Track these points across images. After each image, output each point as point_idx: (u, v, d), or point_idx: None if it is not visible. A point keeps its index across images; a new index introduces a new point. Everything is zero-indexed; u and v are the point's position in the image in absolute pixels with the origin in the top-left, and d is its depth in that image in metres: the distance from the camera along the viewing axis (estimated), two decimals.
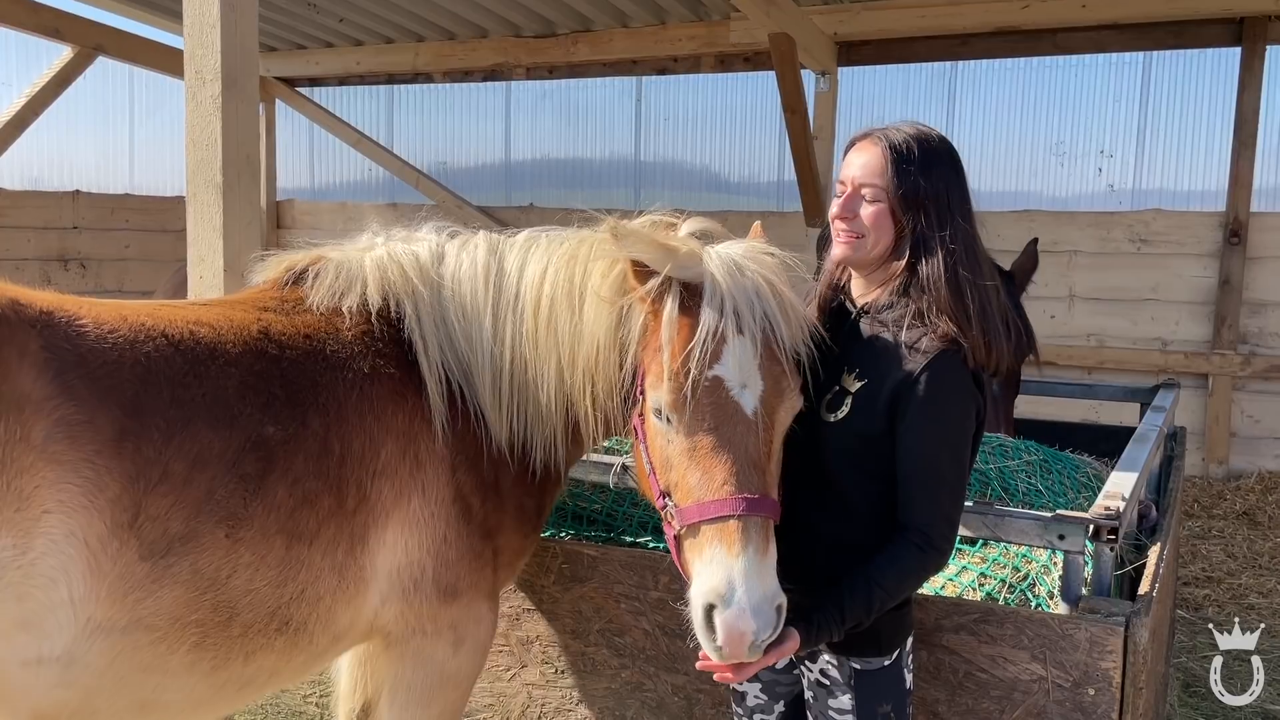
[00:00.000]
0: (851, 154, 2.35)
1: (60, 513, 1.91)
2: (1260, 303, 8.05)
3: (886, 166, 2.26)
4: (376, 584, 2.40)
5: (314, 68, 10.87)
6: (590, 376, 2.40)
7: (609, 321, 2.36)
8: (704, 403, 2.08)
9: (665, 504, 2.15)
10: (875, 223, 2.28)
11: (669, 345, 2.11)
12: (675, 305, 2.14)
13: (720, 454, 2.06)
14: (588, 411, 2.45)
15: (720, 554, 1.99)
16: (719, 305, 2.11)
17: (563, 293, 2.46)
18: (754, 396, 2.11)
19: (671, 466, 2.13)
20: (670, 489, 2.14)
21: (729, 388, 2.10)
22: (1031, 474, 3.52)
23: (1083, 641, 2.52)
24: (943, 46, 8.82)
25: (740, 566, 1.96)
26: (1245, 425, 8.15)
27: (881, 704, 2.28)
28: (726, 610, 1.95)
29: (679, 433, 2.11)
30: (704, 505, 2.03)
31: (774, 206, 9.59)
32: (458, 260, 2.62)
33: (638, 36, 9.44)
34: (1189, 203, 8.40)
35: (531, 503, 2.68)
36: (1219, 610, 5.69)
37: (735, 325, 2.11)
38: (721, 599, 1.96)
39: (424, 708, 2.57)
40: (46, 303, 2.07)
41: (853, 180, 2.30)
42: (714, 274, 2.15)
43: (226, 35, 3.22)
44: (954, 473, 2.23)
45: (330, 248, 2.69)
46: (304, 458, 2.23)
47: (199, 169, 3.27)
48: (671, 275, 2.16)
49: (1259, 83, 7.94)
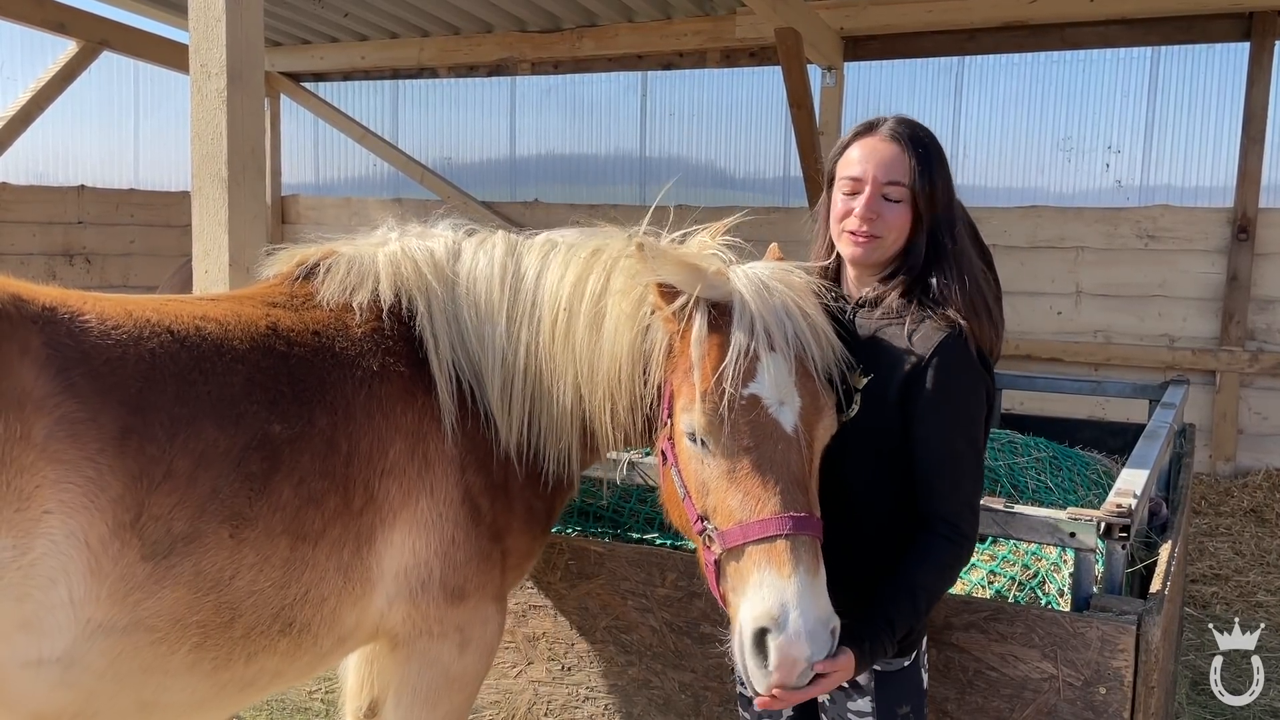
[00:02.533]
0: (862, 149, 2.25)
1: (61, 513, 1.89)
2: (1268, 299, 8.00)
3: (911, 164, 2.18)
4: (383, 585, 2.37)
5: (319, 63, 10.86)
6: (610, 394, 2.35)
7: (631, 338, 2.31)
8: (741, 422, 2.02)
9: (704, 528, 2.06)
10: (900, 224, 2.20)
11: (700, 365, 2.05)
12: (704, 324, 2.09)
13: (762, 473, 1.99)
14: (606, 427, 2.41)
15: (771, 576, 1.91)
16: (749, 324, 2.06)
17: (581, 305, 2.41)
18: (793, 413, 2.05)
19: (709, 490, 2.06)
20: (709, 513, 2.06)
21: (767, 405, 2.04)
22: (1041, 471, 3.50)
23: (1094, 640, 2.50)
24: (949, 41, 8.78)
25: (794, 588, 1.89)
26: (1253, 422, 8.11)
27: (901, 705, 2.25)
28: (781, 635, 1.88)
29: (716, 455, 2.04)
30: (748, 526, 1.96)
31: (779, 202, 9.55)
32: (474, 258, 2.57)
33: (643, 31, 9.41)
34: (1197, 198, 8.35)
35: (541, 505, 2.64)
36: (1227, 608, 5.66)
37: (768, 343, 2.06)
38: (775, 623, 1.88)
39: (430, 709, 2.55)
40: (49, 298, 2.04)
41: (874, 178, 2.20)
42: (742, 293, 2.11)
43: (231, 29, 3.21)
44: (972, 458, 2.20)
45: (342, 242, 2.65)
46: (310, 456, 2.21)
47: (204, 163, 3.25)
48: (701, 295, 2.10)
49: (1268, 78, 7.89)
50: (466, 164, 10.95)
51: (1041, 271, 8.48)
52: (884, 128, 2.24)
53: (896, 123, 2.25)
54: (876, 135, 2.25)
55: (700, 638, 2.96)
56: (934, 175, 2.20)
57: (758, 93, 9.72)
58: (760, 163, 9.85)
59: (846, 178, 2.26)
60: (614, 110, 10.32)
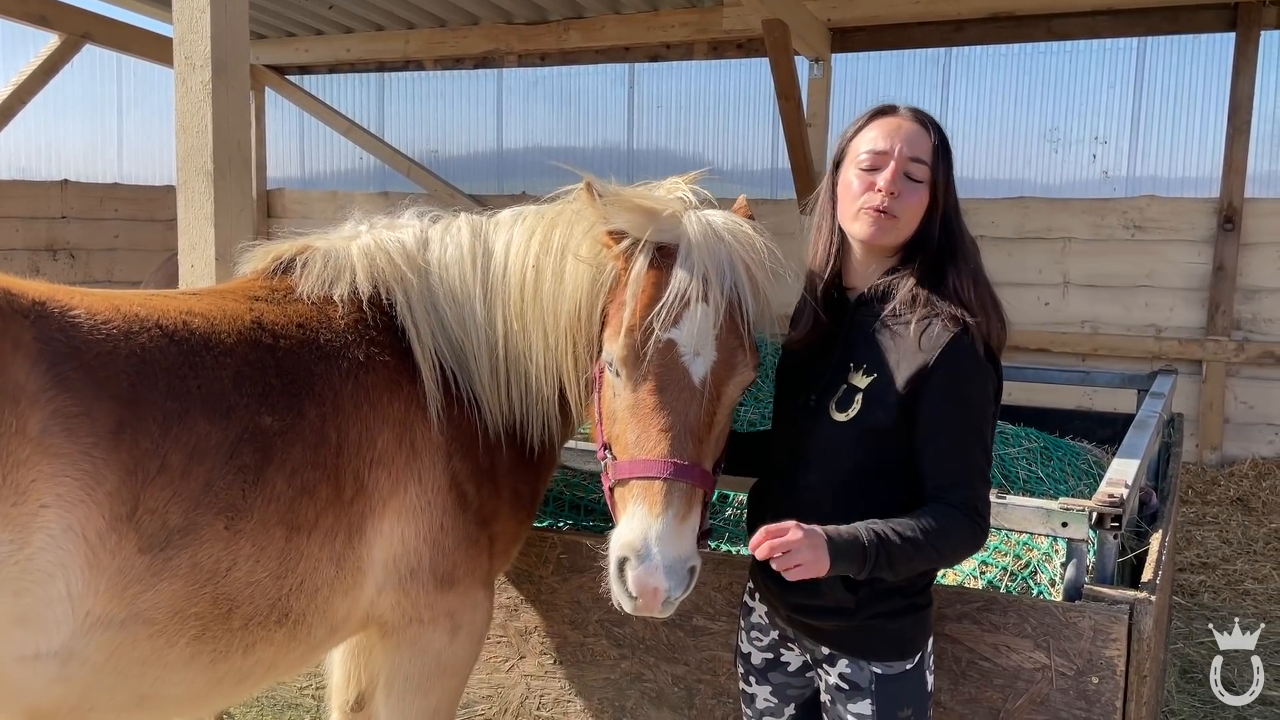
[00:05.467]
0: (883, 127, 2.18)
1: (58, 507, 1.88)
2: (1254, 289, 8.04)
3: (934, 144, 2.16)
4: (373, 573, 2.39)
5: (304, 55, 10.78)
6: (572, 337, 2.41)
7: (588, 281, 2.37)
8: (654, 364, 2.12)
9: (605, 456, 2.21)
10: (917, 208, 2.16)
11: (632, 301, 2.14)
12: (645, 262, 2.17)
13: (659, 416, 2.10)
14: (571, 375, 2.45)
15: (641, 512, 2.05)
16: (690, 269, 2.14)
17: (548, 260, 2.46)
18: (705, 365, 2.14)
19: (614, 420, 2.20)
20: (611, 441, 2.21)
21: (681, 353, 2.13)
22: (1032, 461, 3.50)
23: (1086, 629, 2.50)
24: (937, 32, 8.77)
25: (659, 527, 2.02)
26: (1239, 411, 8.15)
27: (902, 709, 2.21)
28: (640, 566, 2.02)
29: (626, 388, 2.16)
30: (635, 463, 2.09)
31: (767, 194, 9.54)
32: (442, 245, 2.62)
33: (630, 23, 9.37)
34: (1183, 189, 8.37)
35: (526, 489, 2.69)
36: (1214, 596, 5.70)
37: (702, 291, 2.13)
38: (636, 554, 2.03)
39: (423, 696, 2.57)
40: (39, 293, 2.04)
41: (900, 151, 2.14)
42: (690, 238, 2.17)
43: (216, 20, 3.18)
44: (984, 459, 2.15)
45: (316, 237, 2.69)
46: (302, 448, 2.22)
47: (189, 157, 3.22)
48: (649, 239, 2.18)
49: (1253, 68, 7.92)
50: (453, 157, 10.90)
51: (1029, 262, 8.49)
52: (903, 110, 2.22)
53: (913, 109, 2.23)
54: (898, 115, 2.21)
55: (693, 630, 2.95)
56: (949, 163, 2.18)
57: (745, 84, 9.70)
58: (748, 154, 9.84)
59: (868, 152, 2.18)
60: (601, 102, 10.29)
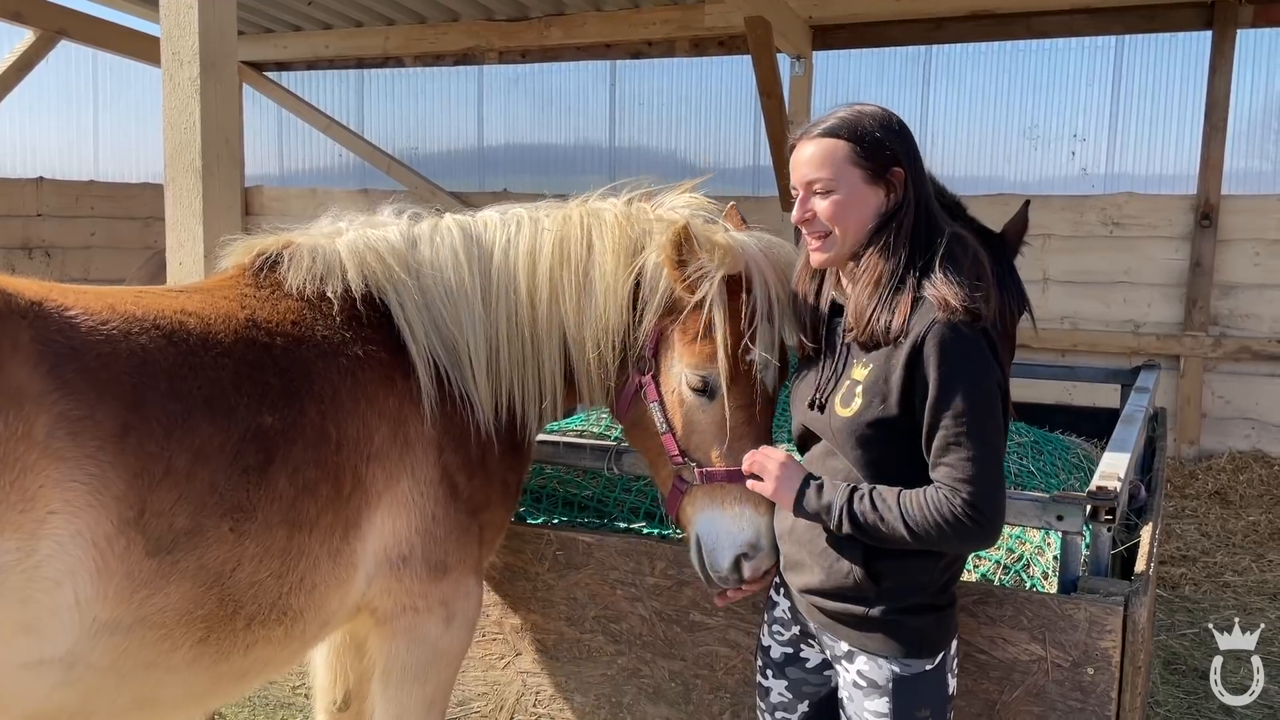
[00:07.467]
0: (792, 159, 2.27)
1: (66, 513, 1.85)
2: (1231, 285, 8.13)
3: (827, 154, 2.18)
4: (364, 565, 2.40)
5: (282, 51, 10.68)
6: (598, 345, 2.54)
7: (622, 293, 2.53)
8: (744, 382, 2.43)
9: (683, 461, 2.46)
10: (834, 214, 2.19)
11: (720, 328, 2.40)
12: (723, 289, 2.41)
13: (749, 427, 2.45)
14: (594, 377, 2.60)
15: (749, 512, 2.42)
16: (764, 298, 2.42)
17: (565, 271, 2.57)
18: (774, 376, 2.50)
19: (697, 431, 2.47)
20: (690, 450, 2.47)
21: (760, 370, 2.45)
22: (1023, 455, 3.53)
23: (1082, 621, 2.52)
24: (917, 30, 8.82)
25: (765, 524, 2.42)
26: (1216, 406, 8.24)
27: (920, 708, 2.20)
28: (757, 556, 2.41)
29: (714, 406, 2.44)
30: (732, 472, 2.39)
31: (749, 191, 9.55)
32: (433, 245, 2.63)
33: (611, 20, 9.35)
34: (1161, 186, 8.46)
35: (514, 478, 2.75)
36: (1195, 589, 5.76)
37: (767, 314, 2.43)
38: (753, 548, 2.41)
39: (419, 685, 2.60)
40: (34, 292, 1.99)
41: (801, 181, 2.23)
42: (755, 268, 2.45)
43: (204, 16, 3.16)
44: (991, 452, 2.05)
45: (297, 233, 2.67)
46: (303, 446, 2.21)
47: (178, 153, 3.19)
48: (729, 271, 2.43)
49: (1230, 66, 8.01)
50: (433, 154, 10.85)
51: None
52: (808, 133, 2.23)
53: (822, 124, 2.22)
54: (801, 141, 2.25)
55: (690, 626, 2.96)
56: (878, 154, 2.16)
57: (727, 82, 9.71)
58: (729, 152, 9.85)
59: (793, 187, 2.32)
60: (582, 99, 10.27)
